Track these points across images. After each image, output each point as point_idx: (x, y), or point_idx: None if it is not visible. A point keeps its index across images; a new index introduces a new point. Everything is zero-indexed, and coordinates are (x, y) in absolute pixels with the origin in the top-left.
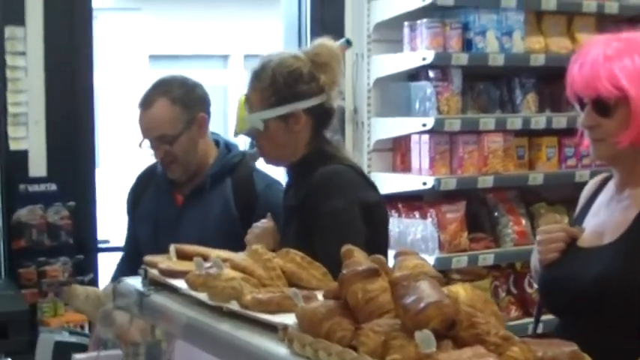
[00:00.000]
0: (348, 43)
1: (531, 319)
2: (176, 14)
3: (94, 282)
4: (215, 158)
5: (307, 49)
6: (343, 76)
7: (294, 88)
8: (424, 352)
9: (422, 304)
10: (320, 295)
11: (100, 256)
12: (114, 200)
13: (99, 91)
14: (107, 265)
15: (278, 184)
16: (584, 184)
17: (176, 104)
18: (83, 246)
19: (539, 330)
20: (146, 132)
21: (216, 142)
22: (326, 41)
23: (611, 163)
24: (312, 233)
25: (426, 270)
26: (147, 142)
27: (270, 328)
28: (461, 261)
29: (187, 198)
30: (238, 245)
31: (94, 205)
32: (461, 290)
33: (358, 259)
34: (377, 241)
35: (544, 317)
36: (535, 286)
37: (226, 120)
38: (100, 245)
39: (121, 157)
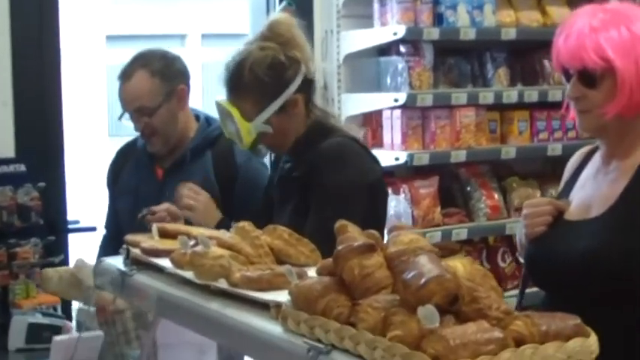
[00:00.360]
0: (289, 4)
1: (506, 293)
2: None
3: (64, 262)
4: (195, 131)
5: (265, 34)
6: (305, 38)
7: (281, 79)
8: (427, 328)
9: (423, 279)
10: (310, 272)
11: (71, 236)
12: (80, 180)
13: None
14: (77, 245)
15: (258, 157)
16: (556, 157)
17: (155, 76)
18: (53, 227)
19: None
20: (126, 104)
21: (197, 117)
22: (275, 17)
23: (597, 135)
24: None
25: (422, 244)
26: (127, 115)
27: (261, 307)
28: (434, 236)
29: (168, 171)
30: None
31: (63, 185)
32: (459, 265)
33: (353, 234)
34: (377, 215)
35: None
36: (508, 260)
37: None
38: (70, 226)
39: (82, 137)
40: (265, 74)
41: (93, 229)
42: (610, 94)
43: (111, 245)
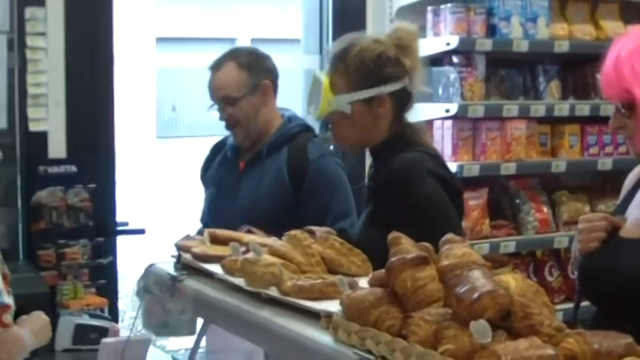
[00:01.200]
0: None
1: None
2: None
3: (112, 264)
4: (277, 128)
5: (388, 33)
6: (420, 55)
7: (382, 72)
8: (479, 343)
9: (476, 294)
10: (361, 282)
11: (119, 238)
12: (129, 182)
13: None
14: (126, 247)
15: (331, 156)
16: (606, 172)
17: (243, 69)
18: (103, 228)
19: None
20: (213, 92)
21: (283, 116)
22: (405, 25)
23: None
24: (392, 218)
25: (475, 258)
26: (214, 109)
27: (312, 316)
28: (483, 248)
29: (247, 164)
30: (286, 213)
31: (113, 187)
32: (511, 280)
33: (406, 246)
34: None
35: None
36: (555, 274)
37: None
38: (119, 228)
39: (131, 139)
40: (370, 60)
41: (142, 231)
42: None
43: None
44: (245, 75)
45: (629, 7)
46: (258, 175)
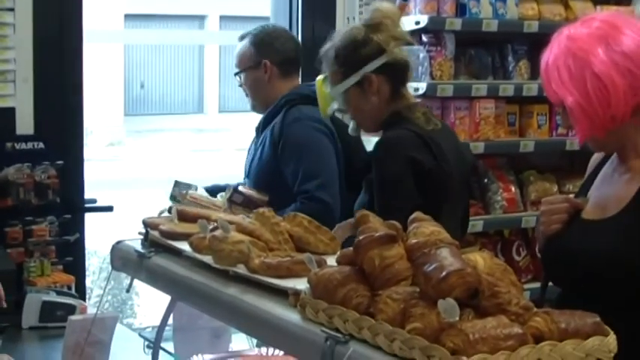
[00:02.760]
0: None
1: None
2: None
3: (80, 241)
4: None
5: (364, 15)
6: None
7: (356, 55)
8: (447, 321)
9: (444, 272)
10: (329, 260)
11: (87, 216)
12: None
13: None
14: (94, 225)
15: (304, 121)
16: (574, 152)
17: (252, 45)
18: (70, 205)
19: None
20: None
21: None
22: (381, 4)
23: (605, 151)
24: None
25: (443, 237)
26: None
27: (280, 294)
28: None
29: (256, 132)
30: (271, 172)
31: (81, 164)
32: (479, 259)
33: (374, 224)
34: (431, 207)
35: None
36: (523, 253)
37: (201, 76)
38: (87, 205)
39: (100, 117)
40: (342, 49)
41: (110, 208)
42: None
43: None
44: (251, 51)
45: None
46: (257, 143)
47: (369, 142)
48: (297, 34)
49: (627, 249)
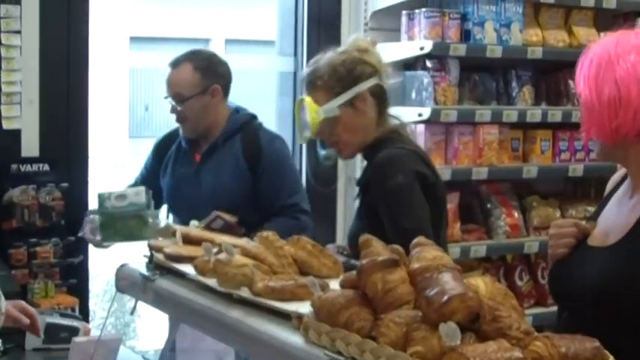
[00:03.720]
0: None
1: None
2: None
3: (83, 264)
4: (228, 121)
5: (347, 45)
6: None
7: (353, 73)
8: (448, 345)
9: (446, 297)
10: (332, 284)
11: None
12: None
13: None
14: None
15: (280, 139)
16: (577, 178)
17: (197, 71)
18: (74, 228)
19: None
20: (168, 88)
21: (230, 108)
22: (358, 35)
23: (608, 160)
24: (376, 211)
25: (445, 262)
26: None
27: (283, 317)
28: (453, 252)
29: (203, 155)
30: (246, 195)
31: (86, 187)
32: (481, 283)
33: (377, 248)
34: (435, 219)
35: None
36: (525, 278)
37: None
38: None
39: (103, 138)
40: (339, 66)
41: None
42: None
43: None
44: (198, 77)
45: (602, 15)
46: (216, 164)
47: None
48: (303, 57)
49: (622, 278)
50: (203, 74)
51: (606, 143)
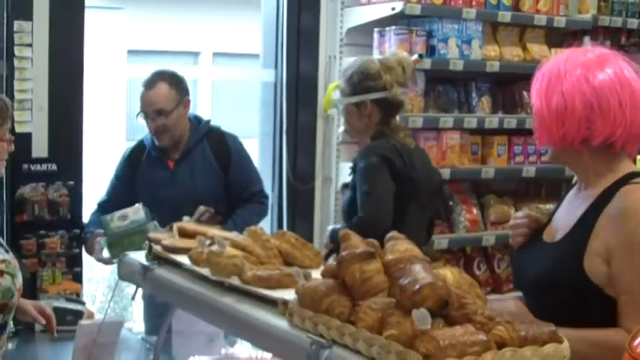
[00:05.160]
0: (421, 56)
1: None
2: (154, 14)
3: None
4: (190, 129)
5: (384, 56)
6: (413, 82)
7: (363, 84)
8: (420, 329)
9: (417, 285)
10: (314, 274)
11: None
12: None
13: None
14: None
15: (239, 138)
16: (530, 179)
17: (172, 87)
18: (79, 221)
19: None
20: (147, 106)
21: (189, 118)
22: (399, 52)
23: (558, 163)
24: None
25: (416, 254)
26: (142, 115)
27: (270, 303)
28: None
29: (177, 162)
30: (221, 188)
31: (80, 184)
32: (448, 273)
33: (355, 242)
34: (401, 197)
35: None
36: (482, 269)
37: (195, 106)
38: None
39: (104, 141)
40: (356, 75)
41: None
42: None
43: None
44: (173, 92)
45: (553, 33)
46: (190, 167)
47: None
48: (283, 70)
49: (560, 273)
50: (176, 89)
51: (556, 148)
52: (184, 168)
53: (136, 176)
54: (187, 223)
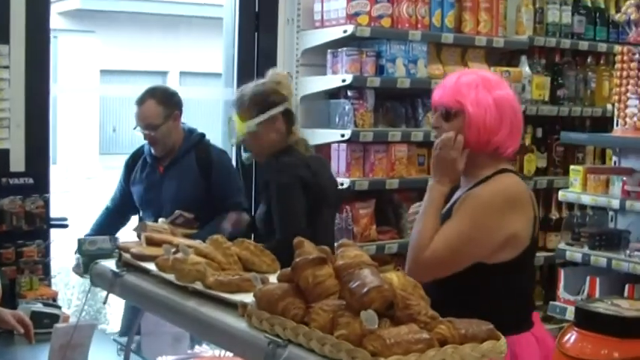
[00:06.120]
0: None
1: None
2: (124, 36)
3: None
4: (183, 139)
5: (267, 77)
6: (292, 88)
7: (268, 99)
8: (368, 329)
9: (365, 289)
10: (271, 278)
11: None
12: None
13: (59, 99)
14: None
15: (226, 153)
16: None
17: (160, 104)
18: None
19: None
20: (139, 121)
21: (184, 129)
22: (278, 70)
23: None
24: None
25: (364, 259)
26: (138, 128)
27: (230, 306)
28: (370, 249)
29: (166, 168)
30: (202, 196)
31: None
32: (394, 277)
33: (308, 249)
34: (313, 207)
35: None
36: None
37: None
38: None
39: (78, 155)
40: (258, 94)
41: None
42: (459, 129)
43: (112, 216)
44: (161, 108)
45: (492, 52)
46: (177, 174)
47: None
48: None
49: None
50: (165, 105)
51: (474, 151)
52: (171, 174)
53: (131, 178)
54: (162, 227)
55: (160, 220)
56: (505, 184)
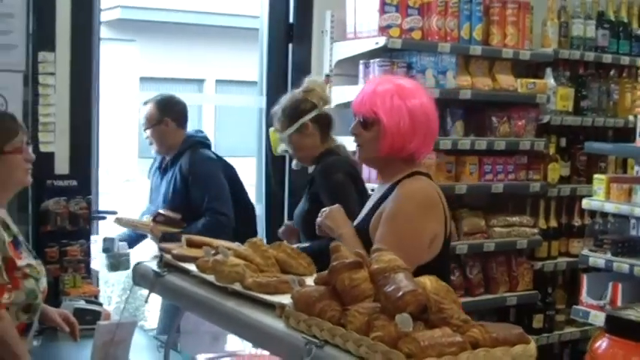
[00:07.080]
0: (327, 76)
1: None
2: (163, 45)
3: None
4: (181, 145)
5: (301, 87)
6: (329, 98)
7: (297, 110)
8: (403, 331)
9: (400, 292)
10: (308, 281)
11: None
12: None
13: (100, 104)
14: None
15: (209, 161)
16: (498, 194)
17: (155, 108)
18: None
19: None
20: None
21: (186, 135)
22: (310, 77)
23: (369, 165)
24: (317, 198)
25: (399, 264)
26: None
27: (269, 307)
28: None
29: (163, 170)
30: (183, 198)
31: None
32: (427, 281)
33: (344, 253)
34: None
35: None
36: (457, 274)
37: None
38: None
39: (119, 158)
40: (287, 107)
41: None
42: (376, 137)
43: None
44: (155, 112)
45: (518, 64)
46: (168, 177)
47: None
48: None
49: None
50: (159, 111)
51: (380, 154)
52: (165, 177)
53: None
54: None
55: (145, 216)
56: (413, 190)
